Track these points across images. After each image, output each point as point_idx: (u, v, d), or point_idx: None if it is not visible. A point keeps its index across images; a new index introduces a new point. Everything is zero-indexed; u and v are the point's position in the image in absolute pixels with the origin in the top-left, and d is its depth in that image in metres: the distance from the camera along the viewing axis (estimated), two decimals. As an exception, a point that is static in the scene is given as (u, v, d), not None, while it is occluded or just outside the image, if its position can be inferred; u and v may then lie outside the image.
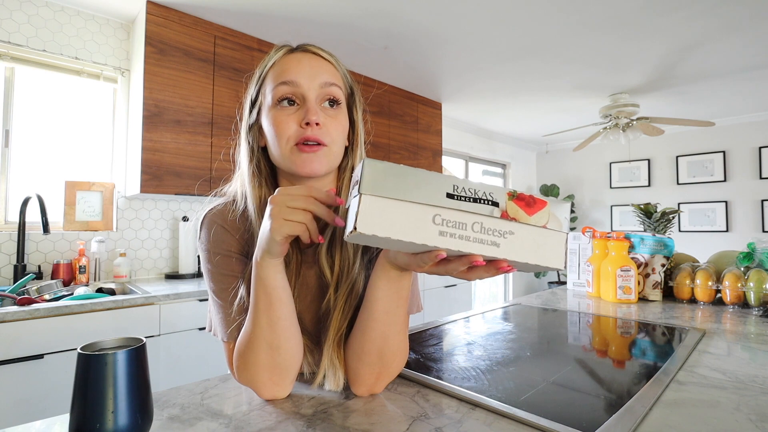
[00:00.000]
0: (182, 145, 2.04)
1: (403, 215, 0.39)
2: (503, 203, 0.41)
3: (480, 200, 0.41)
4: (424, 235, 0.40)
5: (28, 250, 1.89)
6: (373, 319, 0.57)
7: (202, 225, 0.65)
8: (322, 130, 0.60)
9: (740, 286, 1.26)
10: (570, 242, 1.66)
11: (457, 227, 0.40)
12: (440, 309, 3.05)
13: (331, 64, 0.63)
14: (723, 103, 3.73)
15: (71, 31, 2.05)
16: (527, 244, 0.42)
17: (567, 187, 5.42)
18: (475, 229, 0.41)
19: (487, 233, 0.41)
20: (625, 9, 2.12)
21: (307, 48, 0.63)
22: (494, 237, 0.41)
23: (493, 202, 0.41)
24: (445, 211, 0.40)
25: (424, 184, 0.40)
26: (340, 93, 0.63)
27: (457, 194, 0.41)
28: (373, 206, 0.39)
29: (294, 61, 0.61)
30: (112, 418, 0.43)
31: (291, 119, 0.60)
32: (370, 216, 0.39)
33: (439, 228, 0.40)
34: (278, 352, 0.57)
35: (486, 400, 0.58)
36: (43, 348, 1.42)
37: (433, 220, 0.40)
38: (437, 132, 3.59)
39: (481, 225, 0.41)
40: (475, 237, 0.41)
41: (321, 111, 0.61)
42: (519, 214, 0.41)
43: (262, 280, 0.55)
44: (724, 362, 0.76)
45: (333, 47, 2.52)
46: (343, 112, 0.63)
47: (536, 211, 0.42)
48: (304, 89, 0.60)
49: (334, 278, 0.63)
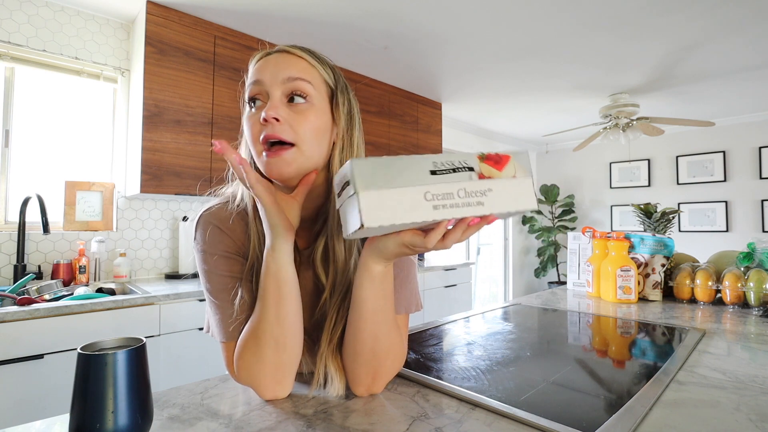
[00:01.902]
0: (182, 145, 2.04)
1: (399, 200, 0.43)
2: (477, 166, 0.47)
3: (458, 169, 0.46)
4: (421, 213, 0.44)
5: (28, 250, 1.89)
6: (362, 320, 0.57)
7: (197, 226, 0.64)
8: (282, 126, 0.56)
9: (740, 286, 1.26)
10: (570, 242, 1.66)
11: (447, 198, 0.45)
12: (440, 309, 3.05)
13: (303, 60, 0.60)
14: (723, 103, 3.73)
15: (71, 31, 2.05)
16: (504, 195, 0.47)
17: (567, 187, 5.42)
18: (460, 195, 0.45)
19: (471, 196, 0.46)
20: (625, 9, 2.12)
21: (280, 48, 0.61)
22: (478, 197, 0.46)
23: (468, 168, 0.46)
24: (433, 186, 0.44)
25: (408, 167, 0.44)
26: (308, 87, 0.58)
27: (439, 170, 0.45)
28: (372, 200, 0.42)
29: (264, 62, 0.60)
30: (112, 418, 0.43)
31: (256, 119, 0.58)
32: (373, 209, 0.42)
33: (432, 203, 0.44)
34: (284, 349, 0.57)
35: (486, 400, 0.58)
36: (43, 348, 1.42)
37: (425, 197, 0.44)
38: (437, 132, 3.59)
39: (465, 190, 0.46)
40: (463, 202, 0.45)
41: (285, 107, 0.57)
42: (492, 172, 0.47)
43: (272, 273, 0.56)
44: (724, 362, 0.76)
45: (333, 47, 2.55)
46: (314, 108, 0.59)
47: (503, 166, 0.47)
48: (267, 86, 0.58)
49: (329, 282, 0.63)
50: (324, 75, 0.62)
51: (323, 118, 0.60)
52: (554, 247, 5.17)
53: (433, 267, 3.02)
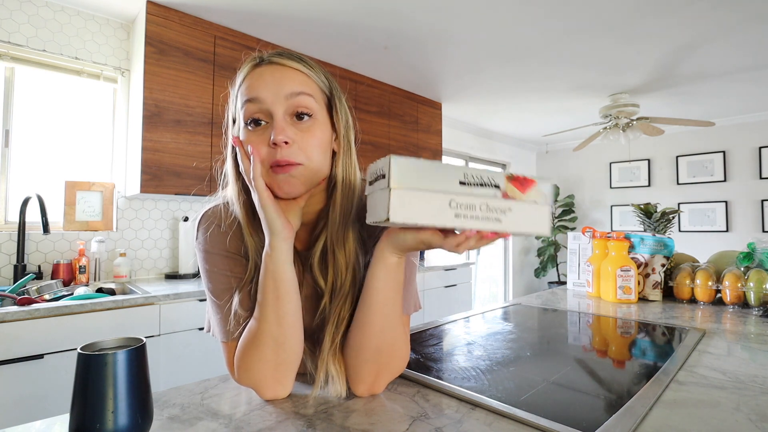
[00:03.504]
0: (182, 145, 2.04)
1: (426, 203, 0.47)
2: (503, 185, 0.50)
3: (485, 185, 0.49)
4: (443, 218, 0.47)
5: (28, 250, 1.89)
6: (372, 312, 0.57)
7: (199, 225, 0.65)
8: (292, 148, 0.55)
9: (740, 286, 1.26)
10: (570, 242, 1.66)
11: (469, 209, 0.48)
12: (440, 309, 3.05)
13: (299, 71, 0.58)
14: (723, 103, 3.73)
15: (71, 31, 2.05)
16: (522, 217, 0.51)
17: (567, 187, 5.42)
18: (482, 209, 0.49)
19: (491, 211, 0.49)
20: (626, 9, 2.12)
21: (272, 59, 0.58)
22: (497, 214, 0.49)
23: (495, 185, 0.49)
24: (458, 197, 0.48)
25: (441, 175, 0.47)
26: (310, 102, 0.58)
27: (468, 181, 0.48)
28: (402, 198, 0.46)
29: (257, 76, 0.57)
30: (112, 418, 0.43)
31: (261, 141, 0.56)
32: (400, 207, 0.45)
33: (455, 211, 0.48)
34: (283, 348, 0.57)
35: (486, 400, 0.58)
36: (43, 348, 1.42)
37: (449, 205, 0.47)
38: (437, 132, 3.59)
39: (487, 205, 0.49)
40: (483, 215, 0.49)
41: (291, 126, 0.56)
42: (515, 193, 0.50)
43: (270, 272, 0.57)
44: (724, 362, 0.76)
45: (333, 47, 2.55)
46: (318, 122, 0.58)
47: (527, 190, 0.51)
48: (268, 104, 0.56)
49: (328, 286, 0.63)
50: (320, 84, 0.61)
51: (326, 130, 0.60)
52: (554, 247, 5.17)
53: (433, 267, 3.02)
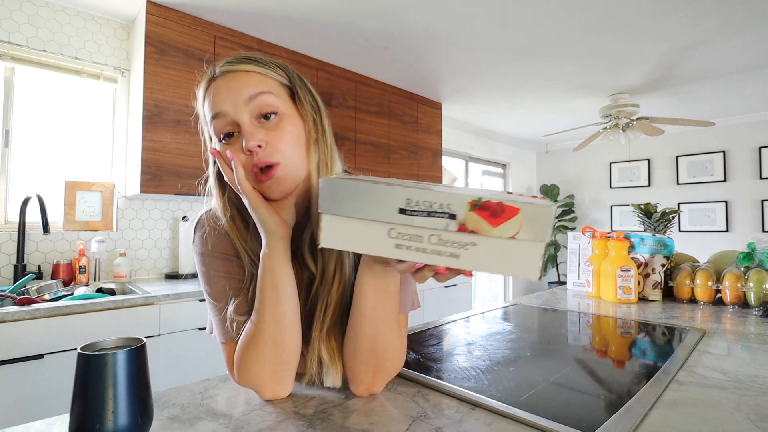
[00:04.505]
0: (182, 145, 2.04)
1: (359, 231, 0.43)
2: (462, 215, 0.40)
3: (435, 213, 0.40)
4: (381, 247, 0.42)
5: (28, 250, 1.89)
6: (362, 317, 0.57)
7: (196, 228, 0.65)
8: (266, 150, 0.56)
9: (740, 286, 1.26)
10: (570, 242, 1.66)
11: (413, 240, 0.41)
12: (440, 309, 3.05)
13: (252, 72, 0.58)
14: (723, 103, 3.73)
15: (71, 31, 2.05)
16: (492, 255, 0.40)
17: (567, 187, 5.42)
18: (432, 241, 0.41)
19: (445, 245, 0.41)
20: (625, 9, 2.12)
21: (223, 69, 0.59)
22: (453, 249, 0.41)
23: (450, 215, 0.40)
24: (399, 226, 0.42)
25: (377, 201, 0.41)
26: (271, 99, 0.57)
27: (410, 209, 0.41)
28: (332, 224, 0.43)
29: (215, 91, 0.58)
30: (112, 418, 0.43)
31: (236, 150, 0.56)
32: (331, 233, 0.43)
33: (395, 241, 0.42)
34: (282, 348, 0.58)
35: (486, 400, 0.58)
36: (43, 348, 1.42)
37: (388, 234, 0.42)
38: (437, 132, 3.59)
39: (439, 237, 0.41)
40: (432, 249, 0.41)
41: (260, 129, 0.56)
42: (480, 226, 0.39)
43: (268, 272, 0.57)
44: (724, 362, 0.76)
45: (333, 47, 2.55)
46: (285, 116, 0.58)
47: (503, 222, 0.39)
48: (232, 115, 0.56)
49: (318, 271, 0.63)
50: (278, 78, 0.60)
51: (296, 122, 0.60)
52: (554, 247, 5.17)
53: (433, 267, 3.01)
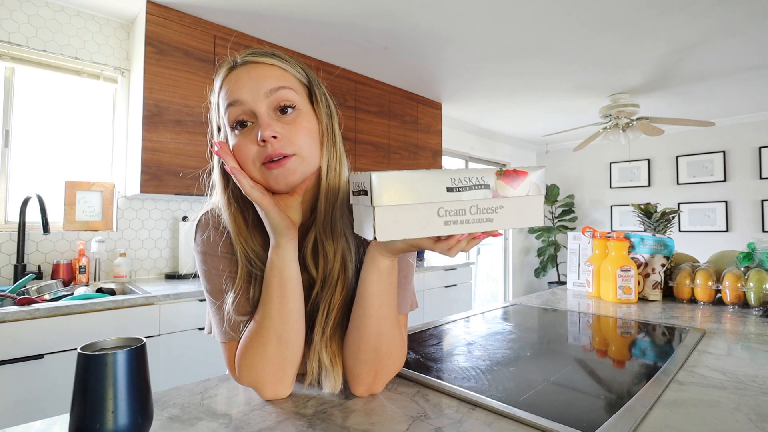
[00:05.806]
0: (182, 145, 2.04)
1: (413, 216, 0.45)
2: (493, 183, 0.48)
3: (474, 186, 0.47)
4: (432, 228, 0.46)
5: (28, 250, 1.89)
6: (367, 316, 0.57)
7: (197, 227, 0.65)
8: (281, 141, 0.56)
9: (740, 286, 1.26)
10: (570, 242, 1.66)
11: (458, 214, 0.47)
12: (440, 309, 3.05)
13: (274, 66, 0.59)
14: (723, 103, 3.73)
15: (71, 31, 2.05)
16: (514, 212, 0.49)
17: (567, 187, 5.42)
18: (472, 212, 0.48)
19: (482, 212, 0.48)
20: (626, 9, 2.12)
21: (246, 60, 0.59)
22: (488, 214, 0.48)
23: (485, 185, 0.48)
24: (447, 204, 0.46)
25: (426, 184, 0.45)
26: (292, 95, 0.58)
27: (455, 186, 0.46)
28: (387, 216, 0.44)
29: (234, 79, 0.58)
30: (112, 418, 0.43)
31: (249, 141, 0.56)
32: (386, 224, 0.44)
33: (444, 219, 0.46)
34: (287, 345, 0.58)
35: (486, 400, 0.58)
36: (43, 348, 1.42)
37: (437, 213, 0.46)
38: (437, 132, 3.59)
39: (477, 207, 0.48)
40: (473, 218, 0.48)
41: (276, 121, 0.57)
42: (506, 190, 0.49)
43: (277, 269, 0.57)
44: (724, 362, 0.76)
45: (333, 47, 2.55)
46: (302, 113, 0.59)
47: (519, 184, 0.49)
48: (250, 104, 0.56)
49: (319, 276, 0.63)
50: (298, 76, 0.61)
51: (312, 120, 0.61)
52: (554, 247, 5.17)
53: (433, 267, 3.02)
